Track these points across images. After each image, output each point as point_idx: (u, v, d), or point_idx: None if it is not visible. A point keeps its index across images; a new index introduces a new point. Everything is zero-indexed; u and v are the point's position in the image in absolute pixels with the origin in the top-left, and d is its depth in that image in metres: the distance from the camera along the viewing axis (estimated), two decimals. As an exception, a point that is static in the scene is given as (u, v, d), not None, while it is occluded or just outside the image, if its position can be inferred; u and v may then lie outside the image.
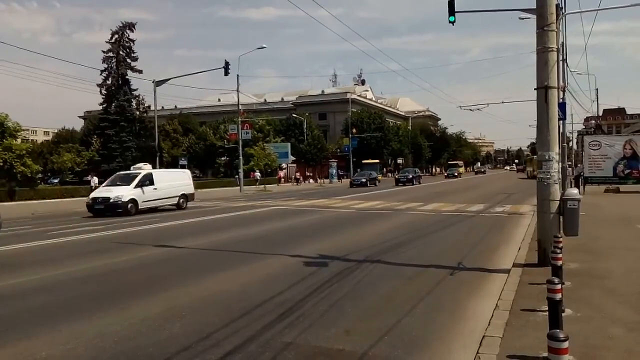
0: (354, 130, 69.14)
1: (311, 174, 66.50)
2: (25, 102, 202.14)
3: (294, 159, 65.49)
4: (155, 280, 8.60)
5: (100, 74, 52.14)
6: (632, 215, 15.82)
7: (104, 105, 53.24)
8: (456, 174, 74.16)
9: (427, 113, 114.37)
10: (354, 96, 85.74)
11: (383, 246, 11.39)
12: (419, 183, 51.44)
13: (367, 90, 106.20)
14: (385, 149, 78.00)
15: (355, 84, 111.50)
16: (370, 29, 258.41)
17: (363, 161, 69.38)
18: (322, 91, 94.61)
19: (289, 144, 63.66)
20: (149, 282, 8.47)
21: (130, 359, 4.96)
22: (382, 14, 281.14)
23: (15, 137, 35.11)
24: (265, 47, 42.75)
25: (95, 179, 35.09)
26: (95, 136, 55.72)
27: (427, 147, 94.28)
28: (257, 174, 51.06)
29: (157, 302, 7.04)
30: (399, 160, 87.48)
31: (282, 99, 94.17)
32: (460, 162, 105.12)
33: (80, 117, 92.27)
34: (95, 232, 15.70)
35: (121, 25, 52.93)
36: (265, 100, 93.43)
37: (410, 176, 50.74)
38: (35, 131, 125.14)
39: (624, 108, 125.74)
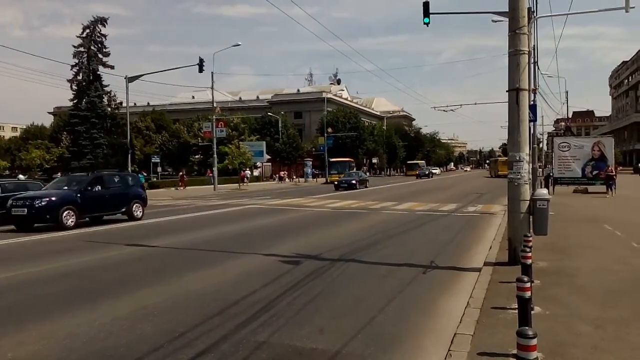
0: (330, 130, 69.23)
1: (286, 172, 66.31)
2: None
3: (269, 157, 65.22)
4: (126, 280, 8.46)
5: (71, 69, 51.07)
6: (599, 215, 16.22)
7: (75, 101, 52.08)
8: (354, 182, 39.13)
9: (401, 113, 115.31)
10: (329, 95, 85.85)
11: (357, 245, 11.44)
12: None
13: (342, 90, 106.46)
14: (361, 149, 78.29)
15: (331, 84, 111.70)
16: (345, 28, 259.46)
17: (331, 159, 62.13)
18: (298, 90, 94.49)
19: (264, 143, 63.30)
20: (120, 282, 8.33)
21: (99, 359, 4.87)
22: (356, 14, 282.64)
23: (-19, 133, 34.24)
24: (240, 45, 42.54)
25: (22, 177, 32.01)
26: (65, 133, 54.48)
27: (402, 147, 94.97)
28: (248, 172, 51.18)
29: (129, 301, 6.94)
30: (374, 160, 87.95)
31: (258, 97, 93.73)
32: (422, 162, 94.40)
33: (49, 113, 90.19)
34: (65, 230, 15.35)
35: (93, 19, 51.82)
36: (240, 98, 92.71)
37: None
38: (3, 127, 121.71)
39: (592, 111, 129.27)
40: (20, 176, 30.92)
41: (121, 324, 5.91)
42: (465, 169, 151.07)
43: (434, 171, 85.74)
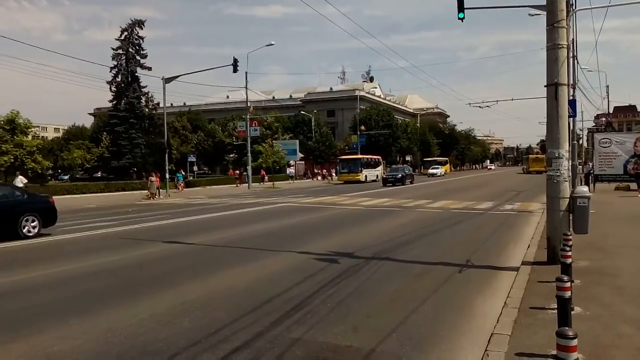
0: (363, 128, 68.99)
1: (319, 171, 66.46)
2: (36, 99, 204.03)
3: (302, 156, 65.52)
4: (164, 276, 8.65)
5: (110, 71, 52.39)
6: (642, 213, 15.68)
7: (114, 102, 53.46)
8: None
9: (435, 110, 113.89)
10: (362, 93, 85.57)
11: (391, 243, 11.38)
12: None
13: (375, 88, 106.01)
14: (394, 146, 77.71)
15: (363, 81, 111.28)
16: (377, 26, 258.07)
17: (340, 157, 56.88)
18: (331, 88, 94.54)
19: (297, 141, 63.68)
20: (157, 278, 8.53)
21: (139, 353, 5.00)
22: (388, 12, 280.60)
23: (26, 134, 35.46)
24: (273, 44, 42.83)
25: (22, 178, 28.38)
26: (104, 133, 55.93)
27: (436, 145, 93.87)
28: (291, 170, 54.15)
29: (166, 297, 7.09)
30: (408, 157, 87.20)
31: (291, 96, 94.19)
32: (443, 159, 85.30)
33: (90, 114, 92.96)
34: (105, 228, 15.82)
35: (130, 22, 53.07)
36: (273, 98, 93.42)
37: None
38: (46, 128, 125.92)
39: (634, 105, 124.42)
40: (21, 177, 28.54)
41: (159, 319, 6.04)
42: (489, 167, 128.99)
43: (433, 171, 67.76)
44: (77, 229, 15.64)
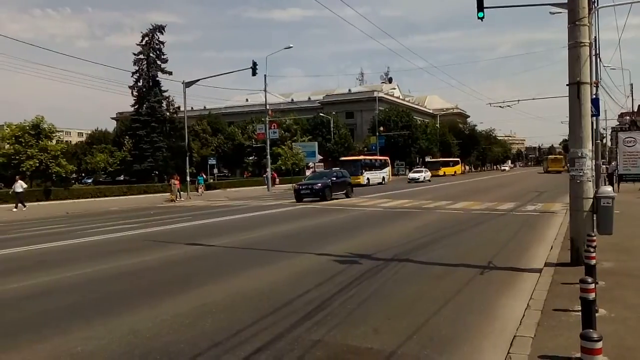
0: (382, 129, 68.77)
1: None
2: (60, 104, 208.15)
3: (321, 157, 65.59)
4: (185, 278, 8.75)
5: (132, 76, 53.10)
6: (669, 213, 15.33)
7: (136, 107, 54.18)
8: None
9: (455, 110, 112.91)
10: (381, 94, 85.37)
11: (411, 245, 11.32)
12: None
13: (394, 89, 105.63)
14: (413, 147, 77.38)
15: (382, 82, 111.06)
16: (395, 27, 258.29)
17: (341, 158, 55.17)
18: (349, 90, 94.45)
19: (316, 143, 63.70)
20: (179, 280, 8.62)
21: (162, 354, 5.05)
22: (406, 12, 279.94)
23: (50, 139, 36.24)
24: (292, 47, 42.97)
25: (22, 183, 28.03)
26: (127, 137, 56.78)
27: (456, 145, 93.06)
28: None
29: (188, 299, 7.16)
30: (427, 159, 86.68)
31: (309, 98, 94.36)
32: (453, 160, 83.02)
33: (112, 118, 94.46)
34: (129, 230, 16.05)
35: (151, 27, 53.71)
36: (292, 100, 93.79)
37: None
38: (70, 132, 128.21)
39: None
40: (21, 182, 28.08)
41: (182, 320, 6.11)
42: (503, 167, 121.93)
43: (414, 176, 52.74)
44: (101, 231, 15.89)
